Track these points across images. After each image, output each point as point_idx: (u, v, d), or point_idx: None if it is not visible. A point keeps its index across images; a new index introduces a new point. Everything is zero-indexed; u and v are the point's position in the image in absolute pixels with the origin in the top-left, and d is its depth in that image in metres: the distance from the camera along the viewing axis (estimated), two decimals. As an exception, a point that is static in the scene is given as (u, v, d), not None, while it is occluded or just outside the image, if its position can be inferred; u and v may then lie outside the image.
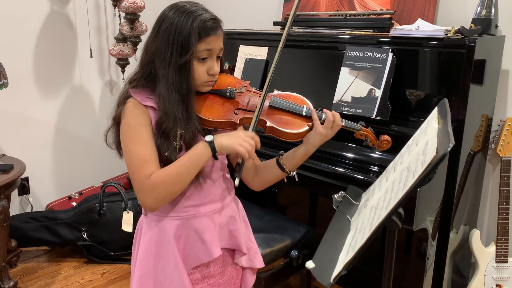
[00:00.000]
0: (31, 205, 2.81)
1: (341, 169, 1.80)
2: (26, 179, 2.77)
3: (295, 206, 2.53)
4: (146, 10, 2.66)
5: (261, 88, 1.26)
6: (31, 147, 2.77)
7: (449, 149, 0.77)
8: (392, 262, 1.05)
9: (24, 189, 2.78)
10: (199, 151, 1.11)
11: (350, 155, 1.86)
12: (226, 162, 1.31)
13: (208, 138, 1.11)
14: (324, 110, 1.24)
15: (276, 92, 1.30)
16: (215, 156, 1.12)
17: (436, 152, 0.80)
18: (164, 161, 1.14)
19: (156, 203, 1.13)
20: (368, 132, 1.28)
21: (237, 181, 1.12)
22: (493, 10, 1.88)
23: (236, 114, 1.21)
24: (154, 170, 1.11)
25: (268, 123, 1.21)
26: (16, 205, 2.78)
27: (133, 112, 1.15)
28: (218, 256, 1.24)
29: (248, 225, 1.40)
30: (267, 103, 1.23)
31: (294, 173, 1.27)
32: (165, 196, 1.12)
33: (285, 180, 1.28)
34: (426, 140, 0.95)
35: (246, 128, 1.23)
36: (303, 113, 1.23)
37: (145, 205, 1.13)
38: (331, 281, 0.87)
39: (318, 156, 1.26)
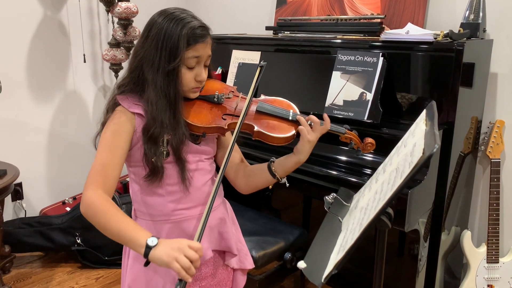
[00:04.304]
0: (25, 211, 2.80)
1: (334, 172, 1.81)
2: (20, 184, 2.76)
3: (289, 209, 2.54)
4: (139, 16, 2.68)
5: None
6: (24, 153, 2.76)
7: (434, 150, 0.79)
8: (383, 262, 1.07)
9: (17, 194, 2.77)
10: (134, 240, 1.02)
11: (343, 158, 1.88)
12: (214, 165, 1.33)
13: (151, 241, 0.99)
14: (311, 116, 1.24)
15: (262, 97, 1.32)
16: (146, 263, 1.01)
17: (423, 153, 0.82)
18: (151, 167, 1.14)
19: (85, 213, 1.07)
20: (352, 135, 1.30)
21: None
22: (481, 14, 1.91)
23: (224, 119, 1.22)
24: (104, 186, 1.08)
25: (256, 128, 1.22)
26: (9, 211, 2.77)
27: (117, 120, 1.15)
28: (209, 258, 1.26)
29: (237, 227, 1.41)
30: (254, 108, 1.25)
31: (285, 179, 1.28)
32: (89, 218, 1.06)
33: (270, 187, 1.29)
34: (414, 141, 0.96)
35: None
36: (290, 118, 1.25)
37: (82, 201, 1.08)
38: (322, 280, 0.88)
39: (311, 159, 1.27)
